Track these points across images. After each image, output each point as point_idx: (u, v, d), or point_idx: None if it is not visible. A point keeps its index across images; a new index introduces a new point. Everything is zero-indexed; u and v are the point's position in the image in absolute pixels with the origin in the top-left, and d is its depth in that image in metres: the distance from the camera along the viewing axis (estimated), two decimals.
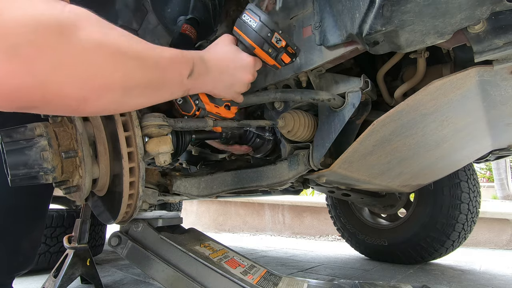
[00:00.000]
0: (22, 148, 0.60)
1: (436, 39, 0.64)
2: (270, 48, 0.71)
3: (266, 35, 0.69)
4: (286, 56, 0.75)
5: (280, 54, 0.73)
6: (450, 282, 1.52)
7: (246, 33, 0.70)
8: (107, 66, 0.49)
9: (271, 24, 0.69)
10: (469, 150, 1.36)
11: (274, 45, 0.71)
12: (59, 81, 0.44)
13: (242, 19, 0.71)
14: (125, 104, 0.55)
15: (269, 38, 0.70)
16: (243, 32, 0.71)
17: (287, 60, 0.76)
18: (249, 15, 0.70)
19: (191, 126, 0.76)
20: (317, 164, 0.95)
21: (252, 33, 0.69)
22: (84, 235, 1.10)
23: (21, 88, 0.41)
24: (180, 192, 1.01)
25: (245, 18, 0.70)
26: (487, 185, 9.34)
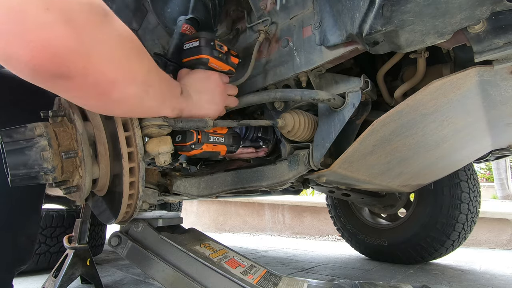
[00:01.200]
0: (22, 148, 0.60)
1: (436, 39, 0.64)
2: (219, 53, 0.81)
3: (209, 44, 0.79)
4: (234, 58, 0.85)
5: (228, 57, 0.84)
6: (450, 282, 1.52)
7: (194, 53, 0.79)
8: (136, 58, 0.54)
9: (208, 34, 0.79)
10: (469, 150, 1.36)
11: (219, 51, 0.81)
12: (101, 55, 0.47)
13: (185, 49, 0.81)
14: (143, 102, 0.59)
15: (212, 46, 0.80)
16: (192, 55, 0.80)
17: (236, 61, 0.86)
18: (188, 43, 0.81)
19: (191, 126, 0.76)
20: (317, 164, 0.95)
21: (200, 49, 0.79)
22: (84, 235, 1.10)
23: (68, 52, 0.43)
24: (180, 192, 1.01)
25: (187, 46, 0.80)
26: (487, 185, 9.33)
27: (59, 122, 0.68)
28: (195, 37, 0.79)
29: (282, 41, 0.95)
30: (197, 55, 0.79)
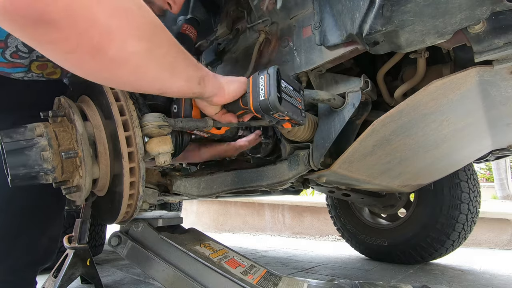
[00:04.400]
0: (22, 148, 0.60)
1: (436, 39, 0.64)
2: (269, 118, 0.71)
3: (268, 112, 0.68)
4: (288, 124, 0.75)
5: (280, 122, 0.74)
6: (450, 282, 1.52)
7: (253, 96, 0.69)
8: (137, 8, 0.46)
9: (276, 107, 0.67)
10: (469, 150, 1.36)
11: (274, 118, 0.71)
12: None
13: (258, 79, 0.69)
14: (148, 66, 0.50)
15: (270, 114, 0.69)
16: (252, 93, 0.70)
17: (287, 126, 0.77)
18: (264, 82, 0.68)
19: (191, 126, 0.76)
20: (317, 164, 0.95)
21: (256, 103, 0.69)
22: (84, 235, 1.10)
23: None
24: (180, 192, 1.01)
25: (261, 81, 0.69)
26: (487, 185, 9.33)
27: (59, 122, 0.68)
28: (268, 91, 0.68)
29: (282, 41, 0.95)
30: (252, 101, 0.70)
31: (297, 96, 0.75)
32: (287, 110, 0.69)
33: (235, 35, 1.12)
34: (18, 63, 0.78)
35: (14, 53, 0.75)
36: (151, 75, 0.52)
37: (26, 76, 0.83)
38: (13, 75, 0.81)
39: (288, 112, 0.70)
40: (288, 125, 0.76)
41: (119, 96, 0.66)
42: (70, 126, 0.67)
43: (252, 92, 0.70)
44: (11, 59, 0.76)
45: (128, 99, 0.67)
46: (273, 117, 0.70)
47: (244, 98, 0.72)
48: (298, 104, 0.75)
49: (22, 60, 0.77)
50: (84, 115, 0.69)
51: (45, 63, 0.83)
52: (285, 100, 0.70)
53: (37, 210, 0.93)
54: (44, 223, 0.96)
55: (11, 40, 0.73)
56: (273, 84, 0.67)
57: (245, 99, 0.72)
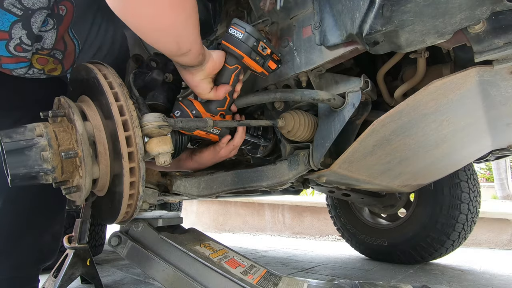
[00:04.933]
0: (22, 148, 0.60)
1: (436, 39, 0.64)
2: (257, 56, 0.78)
3: (253, 44, 0.76)
4: (272, 63, 0.82)
5: (266, 61, 0.80)
6: (450, 282, 1.52)
7: (234, 44, 0.76)
8: None
9: (256, 34, 0.76)
10: (469, 150, 1.36)
11: (260, 53, 0.78)
12: None
13: (229, 32, 0.77)
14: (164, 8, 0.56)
15: (255, 46, 0.76)
16: (231, 44, 0.77)
17: (273, 66, 0.82)
18: (235, 28, 0.76)
19: (191, 126, 0.77)
20: (317, 164, 0.95)
21: (240, 44, 0.76)
22: (84, 235, 1.10)
23: None
24: (180, 192, 1.01)
25: (232, 31, 0.77)
26: (487, 185, 9.33)
27: (59, 122, 0.68)
28: (242, 28, 0.76)
29: (282, 41, 0.95)
30: (235, 47, 0.76)
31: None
32: (265, 39, 0.78)
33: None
34: (21, 57, 0.77)
35: (18, 46, 0.74)
36: (193, 26, 0.61)
37: (28, 72, 0.82)
38: (15, 71, 0.80)
39: (267, 42, 0.78)
40: (273, 65, 0.82)
41: (119, 96, 0.66)
42: (70, 126, 0.67)
43: (231, 43, 0.76)
44: (15, 52, 0.75)
45: (128, 99, 0.67)
46: (259, 52, 0.77)
47: (228, 57, 0.78)
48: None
49: (25, 53, 0.76)
50: (84, 115, 0.69)
51: (45, 57, 0.82)
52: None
53: (40, 209, 0.95)
54: (47, 221, 0.98)
55: (15, 31, 0.72)
56: (244, 23, 0.76)
57: (230, 58, 0.78)
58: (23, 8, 0.69)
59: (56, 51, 0.82)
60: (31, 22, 0.72)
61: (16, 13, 0.69)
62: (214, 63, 0.76)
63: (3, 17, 0.69)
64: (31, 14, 0.71)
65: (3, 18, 0.69)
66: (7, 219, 0.89)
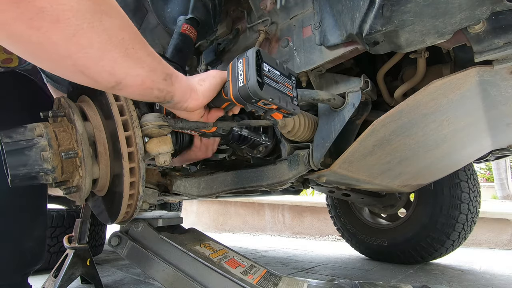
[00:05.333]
0: (22, 148, 0.60)
1: (436, 39, 0.64)
2: (253, 108, 0.65)
3: (250, 100, 0.61)
4: (278, 114, 0.68)
5: (268, 112, 0.67)
6: (450, 282, 1.52)
7: (232, 83, 0.63)
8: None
9: (257, 93, 0.59)
10: (469, 150, 1.36)
11: (259, 106, 0.64)
12: None
13: (237, 64, 0.62)
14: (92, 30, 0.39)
15: (253, 102, 0.62)
16: (232, 80, 0.63)
17: (278, 117, 0.69)
18: (243, 66, 0.61)
19: (191, 126, 0.76)
20: (317, 164, 0.95)
21: (235, 90, 0.62)
22: (84, 235, 1.10)
23: None
24: (180, 192, 1.01)
25: (239, 65, 0.62)
26: (487, 185, 9.32)
27: (59, 122, 0.68)
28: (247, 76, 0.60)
29: (282, 41, 0.95)
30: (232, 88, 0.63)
31: (287, 82, 0.67)
32: (272, 97, 0.62)
33: (235, 35, 1.12)
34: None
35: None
36: (99, 47, 0.41)
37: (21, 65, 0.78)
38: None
39: (274, 99, 0.62)
40: (279, 116, 0.69)
41: (119, 96, 0.66)
42: (70, 126, 0.67)
43: (231, 80, 0.63)
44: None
45: (128, 99, 0.67)
46: (258, 106, 0.63)
47: (225, 88, 0.66)
48: (287, 90, 0.67)
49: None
50: (84, 115, 0.69)
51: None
52: (269, 85, 0.62)
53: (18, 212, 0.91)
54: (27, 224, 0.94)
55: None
56: (253, 67, 0.60)
57: (226, 89, 0.65)
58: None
59: None
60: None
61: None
62: (199, 101, 0.63)
63: None
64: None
65: None
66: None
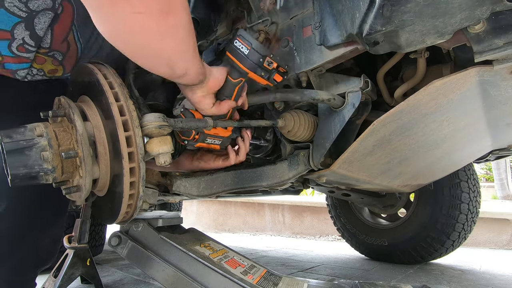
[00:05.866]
0: (22, 148, 0.60)
1: (436, 39, 0.64)
2: (262, 71, 0.75)
3: (258, 60, 0.73)
4: (278, 75, 0.79)
5: (272, 75, 0.77)
6: (450, 282, 1.52)
7: (238, 59, 0.73)
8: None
9: (262, 49, 0.72)
10: (469, 150, 1.36)
11: (266, 68, 0.75)
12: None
13: (234, 45, 0.73)
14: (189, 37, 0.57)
15: (261, 63, 0.73)
16: (236, 58, 0.73)
17: (279, 79, 0.79)
18: (240, 41, 0.73)
19: (192, 126, 0.76)
20: (317, 164, 0.95)
21: (245, 60, 0.73)
22: (84, 235, 1.10)
23: None
24: (180, 192, 1.01)
25: (237, 44, 0.73)
26: (487, 185, 9.33)
27: (59, 122, 0.68)
28: (248, 43, 0.73)
29: (282, 41, 0.95)
30: (240, 62, 0.74)
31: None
32: (272, 53, 0.74)
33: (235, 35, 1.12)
34: (24, 58, 0.76)
35: (21, 46, 0.74)
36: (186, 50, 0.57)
37: (29, 74, 0.81)
38: (17, 74, 0.80)
39: (274, 56, 0.74)
40: (279, 77, 0.78)
41: (119, 96, 0.66)
42: (70, 126, 0.67)
43: (236, 58, 0.73)
44: (17, 52, 0.74)
45: (128, 99, 0.67)
46: (265, 68, 0.74)
47: (232, 71, 0.75)
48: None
49: (28, 54, 0.76)
50: (84, 115, 0.69)
51: (43, 56, 0.81)
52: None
53: (40, 211, 0.94)
54: (47, 224, 0.97)
55: (17, 31, 0.72)
56: (250, 37, 0.72)
57: (234, 71, 0.75)
58: (28, 10, 0.70)
59: (56, 52, 0.82)
60: (34, 23, 0.72)
61: (20, 15, 0.70)
62: (216, 80, 0.74)
63: (6, 19, 0.69)
64: (35, 15, 0.71)
65: (7, 20, 0.69)
66: (7, 223, 0.88)
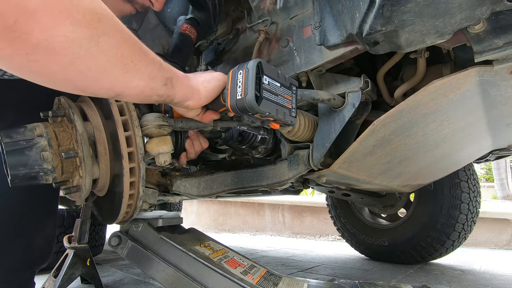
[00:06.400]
0: (22, 148, 0.60)
1: (436, 39, 0.64)
2: (250, 119, 0.66)
3: (246, 112, 0.62)
4: (275, 124, 0.70)
5: (265, 123, 0.68)
6: (450, 282, 1.52)
7: (231, 92, 0.63)
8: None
9: (253, 108, 0.61)
10: (469, 150, 1.36)
11: (255, 118, 0.65)
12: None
13: (237, 74, 0.63)
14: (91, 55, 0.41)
15: (249, 114, 0.63)
16: (230, 90, 0.64)
17: (275, 126, 0.71)
18: (242, 78, 0.62)
19: (191, 126, 0.76)
20: (317, 164, 0.95)
21: (233, 101, 0.62)
22: (84, 235, 1.10)
23: None
24: (180, 192, 1.01)
25: (239, 76, 0.62)
26: (487, 185, 9.34)
27: (59, 122, 0.68)
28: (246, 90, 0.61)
29: (282, 41, 0.95)
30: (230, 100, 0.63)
31: (286, 93, 0.68)
32: (269, 111, 0.63)
33: (235, 35, 1.12)
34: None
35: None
36: (97, 70, 0.43)
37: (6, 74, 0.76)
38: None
39: (271, 113, 0.63)
40: (276, 126, 0.70)
41: None
42: (70, 126, 0.67)
43: (230, 89, 0.63)
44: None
45: None
46: (254, 118, 0.65)
47: (224, 94, 0.66)
48: (286, 102, 0.68)
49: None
50: (84, 115, 0.69)
51: None
52: (267, 99, 0.63)
53: (31, 210, 0.93)
54: (40, 222, 0.96)
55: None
56: (251, 81, 0.60)
57: (225, 96, 0.66)
58: None
59: None
60: None
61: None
62: (200, 101, 0.65)
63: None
64: None
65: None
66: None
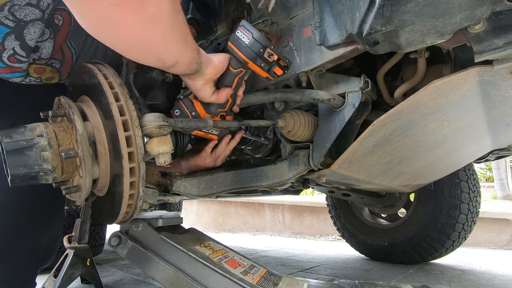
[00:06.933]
0: (22, 148, 0.60)
1: (436, 39, 0.64)
2: (262, 62, 0.76)
3: (259, 50, 0.74)
4: (278, 68, 0.79)
5: (272, 67, 0.78)
6: (450, 282, 1.52)
7: (239, 48, 0.75)
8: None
9: (263, 40, 0.73)
10: (469, 150, 1.36)
11: (266, 60, 0.75)
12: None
13: (236, 35, 0.75)
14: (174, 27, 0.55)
15: (261, 53, 0.74)
16: (237, 47, 0.75)
17: (279, 72, 0.80)
18: (242, 31, 0.74)
19: (191, 126, 0.77)
20: (317, 164, 0.95)
21: (245, 49, 0.74)
22: (84, 235, 1.10)
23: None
24: (180, 192, 1.00)
25: (239, 34, 0.75)
26: (487, 185, 9.33)
27: (59, 122, 0.68)
28: (249, 33, 0.74)
29: (282, 41, 0.95)
30: (240, 52, 0.75)
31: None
32: (273, 46, 0.74)
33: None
34: (16, 68, 0.77)
35: (12, 57, 0.74)
36: (174, 39, 0.56)
37: (24, 80, 0.82)
38: (12, 80, 0.80)
39: (274, 48, 0.74)
40: (279, 70, 0.78)
41: (119, 96, 0.66)
42: (70, 126, 0.67)
43: (237, 47, 0.74)
44: (9, 63, 0.75)
45: (128, 99, 0.67)
46: (265, 59, 0.75)
47: (233, 60, 0.77)
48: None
49: (20, 64, 0.76)
50: (84, 115, 0.69)
51: (42, 66, 0.82)
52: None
53: (38, 210, 0.94)
54: (45, 222, 0.97)
55: (8, 43, 0.72)
56: (252, 27, 0.73)
57: (234, 61, 0.76)
58: (15, 20, 0.70)
59: (54, 61, 0.82)
60: (24, 33, 0.72)
61: (8, 25, 0.70)
62: (216, 68, 0.75)
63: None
64: (23, 25, 0.71)
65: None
66: (5, 222, 0.88)
